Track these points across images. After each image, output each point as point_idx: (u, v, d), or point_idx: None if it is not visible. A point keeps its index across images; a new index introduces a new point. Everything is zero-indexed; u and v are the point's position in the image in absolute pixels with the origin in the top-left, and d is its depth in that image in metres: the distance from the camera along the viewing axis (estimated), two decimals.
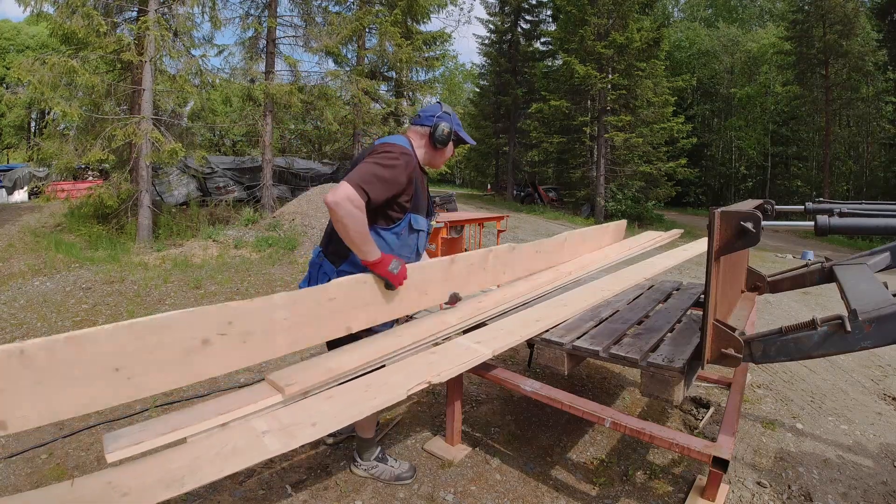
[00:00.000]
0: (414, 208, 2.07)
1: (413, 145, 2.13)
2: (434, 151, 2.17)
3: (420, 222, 2.12)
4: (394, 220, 2.03)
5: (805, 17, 23.81)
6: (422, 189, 2.12)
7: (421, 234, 2.17)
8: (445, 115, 2.16)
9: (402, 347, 2.19)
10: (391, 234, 2.05)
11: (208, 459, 1.46)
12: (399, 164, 1.94)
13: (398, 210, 2.02)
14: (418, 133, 2.17)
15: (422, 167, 2.18)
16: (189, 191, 11.58)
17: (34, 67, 7.52)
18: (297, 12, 11.68)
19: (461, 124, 2.25)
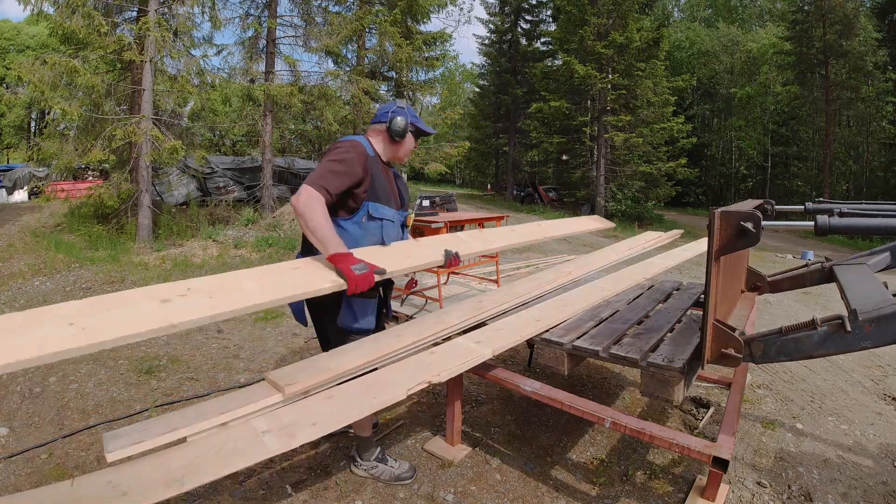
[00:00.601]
0: (372, 197, 2.11)
1: (372, 143, 2.20)
2: (393, 144, 2.23)
3: (382, 210, 2.15)
4: (352, 209, 2.09)
5: (805, 17, 23.81)
6: (385, 181, 2.18)
7: (386, 222, 2.18)
8: (400, 110, 2.21)
9: (402, 347, 2.19)
10: (351, 223, 2.10)
11: (208, 459, 1.46)
12: (350, 155, 2.02)
13: (355, 200, 2.08)
14: (376, 131, 2.24)
15: (386, 162, 2.26)
16: (189, 191, 11.58)
17: (34, 67, 7.52)
18: (297, 12, 11.67)
19: (420, 118, 2.31)
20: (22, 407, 2.98)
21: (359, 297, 2.09)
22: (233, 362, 3.74)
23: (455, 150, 13.41)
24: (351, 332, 2.17)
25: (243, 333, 4.40)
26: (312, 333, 4.39)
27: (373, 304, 2.20)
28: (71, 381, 3.32)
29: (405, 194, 2.35)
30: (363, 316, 2.17)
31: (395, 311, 4.60)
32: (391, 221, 2.20)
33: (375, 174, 2.11)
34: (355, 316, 2.15)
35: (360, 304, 2.13)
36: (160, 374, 3.48)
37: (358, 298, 2.09)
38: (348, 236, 2.07)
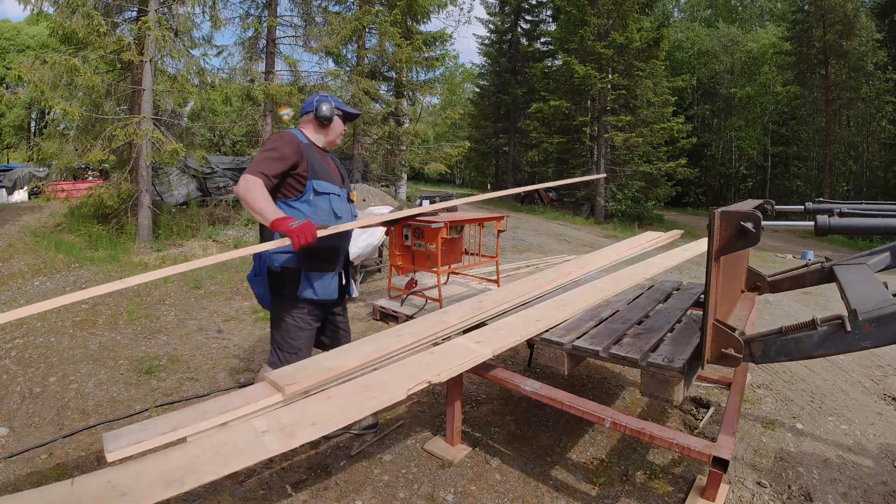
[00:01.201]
0: (314, 176, 2.29)
1: (305, 133, 2.40)
2: (323, 129, 2.43)
3: (325, 186, 2.32)
4: (298, 189, 2.27)
5: (805, 17, 23.79)
6: (324, 163, 2.38)
7: (332, 196, 2.35)
8: (324, 97, 2.41)
9: (402, 347, 2.19)
10: (301, 202, 2.27)
11: (208, 459, 1.46)
12: (280, 142, 2.23)
13: (298, 180, 2.26)
14: (305, 121, 2.44)
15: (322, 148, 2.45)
16: (189, 191, 11.56)
17: (34, 67, 7.52)
18: (297, 12, 11.66)
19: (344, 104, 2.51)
20: (22, 407, 2.98)
21: (317, 272, 2.30)
22: (233, 362, 3.74)
23: (455, 150, 13.40)
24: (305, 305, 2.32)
25: (243, 333, 4.40)
26: None
27: (331, 276, 2.36)
28: (71, 381, 3.32)
29: (344, 175, 2.55)
30: (322, 288, 2.33)
31: (395, 311, 4.60)
32: (337, 195, 2.38)
33: (311, 157, 2.30)
34: (314, 288, 2.30)
35: (317, 276, 2.31)
36: (160, 374, 3.48)
37: (316, 272, 2.30)
38: (302, 216, 2.23)
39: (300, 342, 2.36)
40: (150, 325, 4.46)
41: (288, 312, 2.34)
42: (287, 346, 2.35)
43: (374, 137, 13.52)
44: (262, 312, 4.96)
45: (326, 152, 2.49)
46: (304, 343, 2.37)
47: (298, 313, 2.33)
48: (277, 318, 2.38)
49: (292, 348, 2.34)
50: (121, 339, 4.07)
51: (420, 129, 13.49)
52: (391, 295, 4.95)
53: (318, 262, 2.30)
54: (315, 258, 2.29)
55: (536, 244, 10.53)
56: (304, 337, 2.37)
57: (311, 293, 2.30)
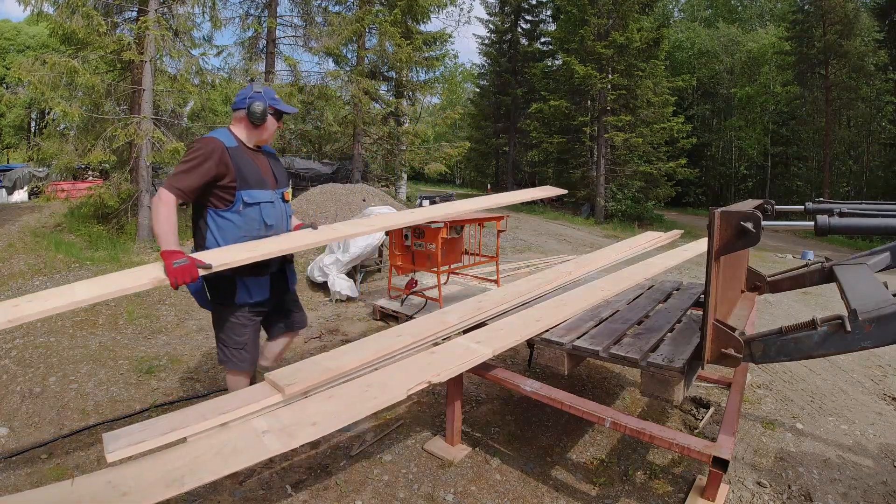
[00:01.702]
0: (243, 186, 2.22)
1: (234, 132, 2.31)
2: (255, 129, 2.33)
3: (255, 195, 2.26)
4: (227, 200, 2.21)
5: (805, 17, 23.79)
6: (255, 166, 2.29)
7: (263, 205, 2.29)
8: (257, 94, 2.30)
9: (403, 347, 2.19)
10: (231, 213, 2.22)
11: (208, 459, 1.46)
12: (199, 154, 2.13)
13: (226, 192, 2.19)
14: (237, 119, 2.33)
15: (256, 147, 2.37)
16: None
17: (34, 67, 7.51)
18: (297, 12, 11.67)
19: (279, 99, 2.40)
20: (22, 407, 2.98)
21: (250, 276, 2.27)
22: None
23: (455, 150, 13.41)
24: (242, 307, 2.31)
25: None
26: (312, 333, 4.40)
27: (262, 280, 2.34)
28: (71, 381, 3.32)
29: (280, 173, 2.45)
30: (257, 290, 2.32)
31: (395, 311, 4.60)
32: (269, 203, 2.32)
33: (241, 163, 2.22)
34: (250, 293, 2.30)
35: (251, 281, 2.30)
36: (160, 374, 3.48)
37: (249, 277, 2.27)
38: (232, 225, 2.23)
39: (245, 338, 2.36)
40: (150, 325, 4.46)
41: (230, 312, 2.33)
42: (232, 342, 2.35)
43: (374, 137, 13.52)
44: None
45: (259, 150, 2.40)
46: (248, 338, 2.37)
47: (239, 313, 2.33)
48: (219, 318, 2.37)
49: (238, 344, 2.35)
50: (121, 339, 4.07)
51: (420, 129, 13.50)
52: (391, 295, 4.95)
53: (250, 268, 2.23)
54: (247, 266, 2.21)
55: (536, 244, 10.53)
56: (248, 333, 2.37)
57: (247, 297, 2.30)
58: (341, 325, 4.69)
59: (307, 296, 5.70)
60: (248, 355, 2.37)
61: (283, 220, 2.41)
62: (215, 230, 2.22)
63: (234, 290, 2.27)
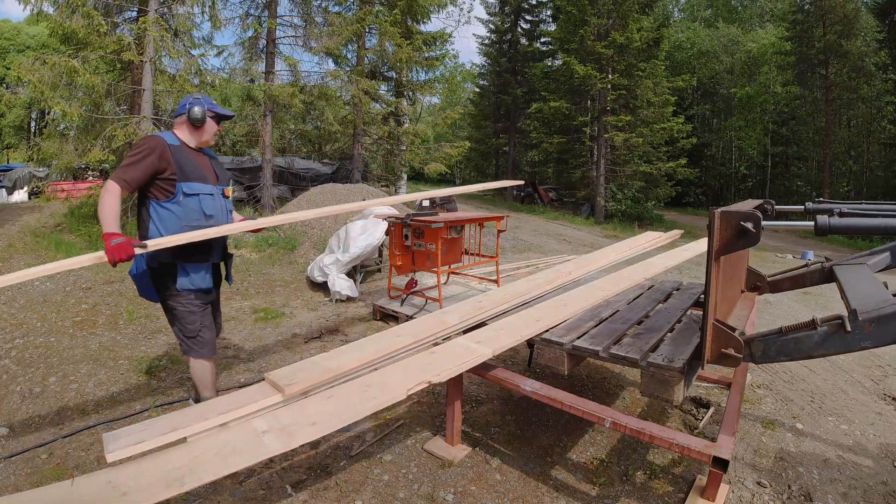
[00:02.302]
0: (183, 179, 2.40)
1: (177, 135, 2.52)
2: (196, 131, 2.54)
3: (194, 187, 2.44)
4: (168, 191, 2.39)
5: (805, 17, 23.80)
6: (196, 163, 2.49)
7: (203, 196, 2.47)
8: (196, 100, 2.53)
9: (403, 347, 2.19)
10: (171, 203, 2.39)
11: (208, 459, 1.46)
12: (144, 148, 2.34)
13: (168, 184, 2.38)
14: (178, 122, 2.55)
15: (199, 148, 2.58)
16: None
17: (34, 67, 7.51)
18: (297, 12, 11.65)
19: (218, 105, 2.63)
20: (22, 407, 2.98)
21: (191, 263, 2.44)
22: (233, 362, 3.74)
23: (455, 150, 13.40)
24: (185, 294, 2.47)
25: (243, 333, 4.40)
26: (312, 333, 4.40)
27: (203, 267, 2.51)
28: (71, 381, 3.32)
29: (220, 172, 2.66)
30: (198, 278, 2.48)
31: (395, 311, 4.60)
32: (209, 195, 2.50)
33: (182, 160, 2.42)
34: (191, 279, 2.46)
35: (193, 267, 2.46)
36: (160, 374, 3.48)
37: (190, 264, 2.44)
38: (173, 216, 2.40)
39: (197, 324, 2.51)
40: (150, 325, 4.46)
41: (177, 301, 2.48)
42: (188, 331, 2.51)
43: (374, 137, 13.51)
44: (262, 312, 4.96)
45: (201, 151, 2.61)
46: (201, 324, 2.53)
47: (185, 300, 2.48)
48: (169, 309, 2.52)
49: (192, 332, 2.51)
50: (121, 339, 4.07)
51: (420, 129, 13.49)
52: (391, 295, 4.95)
53: (191, 254, 2.43)
54: (187, 252, 2.42)
55: (536, 244, 10.53)
56: (198, 319, 2.52)
57: (189, 283, 2.46)
58: (341, 325, 4.70)
59: (307, 296, 5.70)
60: (206, 341, 2.54)
61: (222, 213, 2.58)
62: (157, 221, 2.39)
63: (176, 276, 2.43)
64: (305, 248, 7.53)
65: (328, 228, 7.88)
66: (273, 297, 5.61)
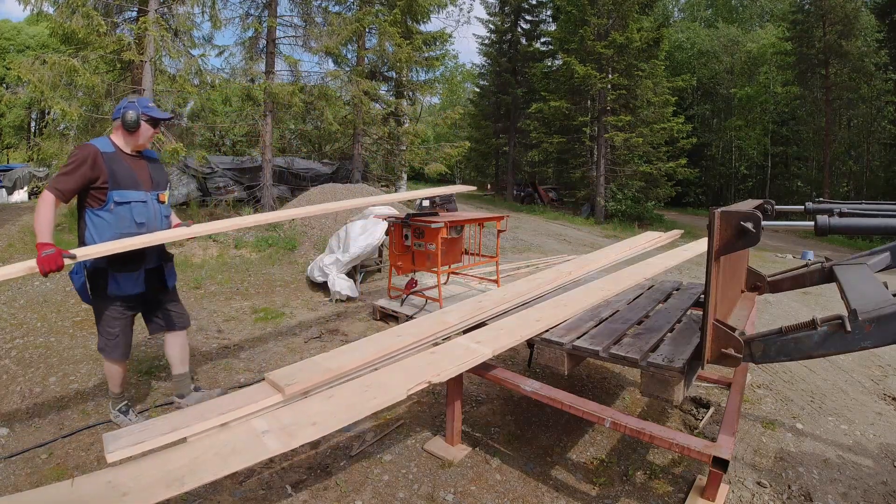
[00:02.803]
0: (115, 187, 2.46)
1: (113, 140, 2.57)
2: (131, 135, 2.58)
3: (126, 195, 2.50)
4: (101, 200, 2.45)
5: (805, 17, 23.79)
6: (131, 170, 2.55)
7: (134, 204, 2.53)
8: (131, 104, 2.57)
9: (403, 347, 2.19)
10: (104, 211, 2.46)
11: (208, 459, 1.46)
12: (77, 158, 2.40)
13: (100, 192, 2.45)
14: (115, 127, 2.60)
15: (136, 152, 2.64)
16: (189, 191, 11.54)
17: (34, 67, 7.51)
18: (297, 12, 11.65)
19: (155, 107, 2.67)
20: (22, 407, 2.98)
21: (121, 272, 2.53)
22: (233, 362, 3.74)
23: (455, 150, 13.39)
24: (116, 299, 2.57)
25: (243, 333, 4.40)
26: (312, 333, 4.40)
27: (134, 276, 2.58)
28: (71, 381, 3.32)
29: (158, 177, 2.71)
30: (127, 285, 2.56)
31: (395, 311, 4.60)
32: (141, 202, 2.56)
33: (116, 167, 2.48)
34: (119, 286, 2.54)
35: (122, 276, 2.55)
36: (160, 374, 3.48)
37: (120, 272, 2.53)
38: (106, 223, 2.47)
39: (117, 329, 2.64)
40: None
41: (105, 305, 2.59)
42: (107, 332, 2.64)
43: (374, 137, 13.51)
44: (262, 312, 4.96)
45: (140, 155, 2.66)
46: (121, 329, 2.65)
47: (112, 305, 2.59)
48: (97, 309, 2.64)
49: (111, 334, 2.64)
50: None
51: (420, 129, 13.49)
52: (391, 295, 4.95)
53: (122, 262, 2.51)
54: (119, 259, 2.49)
55: (536, 244, 10.53)
56: (120, 325, 2.64)
57: (117, 290, 2.55)
58: (341, 325, 4.70)
59: (307, 296, 5.70)
60: (120, 346, 2.66)
61: (155, 219, 2.64)
62: (92, 228, 2.47)
63: (107, 283, 2.53)
64: (305, 248, 7.53)
65: (328, 228, 7.88)
66: (273, 297, 5.61)
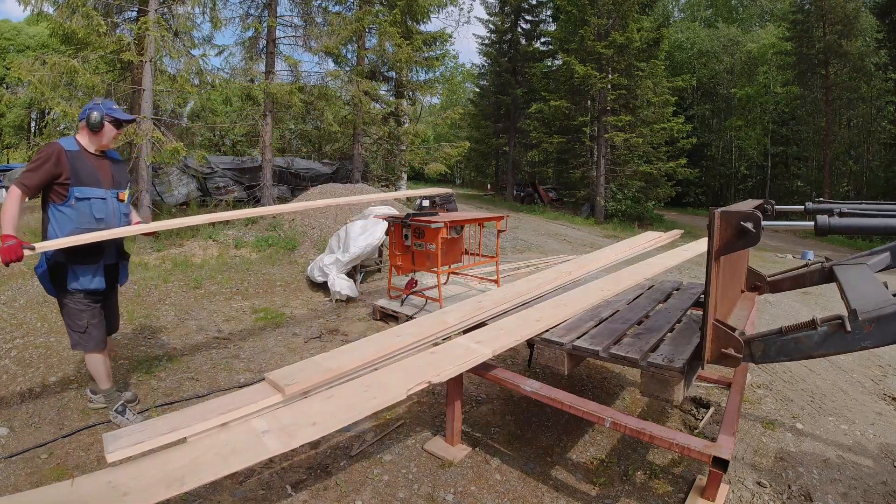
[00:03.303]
0: (76, 184, 2.56)
1: (79, 140, 2.67)
2: (95, 136, 2.67)
3: (86, 192, 2.59)
4: (63, 195, 2.56)
5: (805, 17, 23.80)
6: (93, 168, 2.65)
7: (94, 201, 2.62)
8: (95, 106, 2.66)
9: (403, 347, 2.19)
10: (65, 207, 2.57)
11: (208, 459, 1.46)
12: (43, 155, 2.52)
13: (63, 188, 2.55)
14: (80, 127, 2.70)
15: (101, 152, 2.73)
16: (189, 191, 11.55)
17: (34, 67, 7.51)
18: (297, 12, 11.66)
19: (119, 109, 2.75)
20: (22, 407, 2.98)
21: (79, 265, 2.62)
22: (233, 362, 3.74)
23: (455, 150, 13.39)
24: (74, 293, 2.64)
25: (243, 333, 4.40)
26: (312, 333, 4.40)
27: (92, 269, 2.67)
28: (71, 381, 3.32)
29: (119, 176, 2.81)
30: (87, 278, 2.65)
31: (395, 311, 4.60)
32: (101, 199, 2.66)
33: (78, 165, 2.58)
34: (79, 280, 2.63)
35: (81, 270, 2.64)
36: (160, 374, 3.48)
37: (79, 266, 2.62)
38: (67, 218, 2.58)
39: (85, 321, 2.70)
40: (150, 325, 4.46)
41: (68, 298, 2.67)
42: (76, 326, 2.70)
43: (374, 137, 13.51)
44: (262, 312, 4.96)
45: (104, 155, 2.76)
46: (88, 321, 2.71)
47: (75, 299, 2.67)
48: (61, 304, 2.71)
49: (80, 328, 2.70)
50: (121, 339, 4.07)
51: (420, 129, 13.49)
52: (391, 295, 4.95)
53: (81, 257, 2.61)
54: (78, 254, 2.59)
55: (536, 244, 10.53)
56: (86, 317, 2.70)
57: (76, 284, 2.63)
58: (341, 325, 4.70)
59: (307, 296, 5.70)
60: (92, 337, 2.72)
61: (114, 215, 2.73)
62: (54, 222, 2.58)
63: (66, 277, 2.62)
64: (305, 248, 7.53)
65: (328, 228, 7.88)
66: (273, 297, 5.61)
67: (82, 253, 2.59)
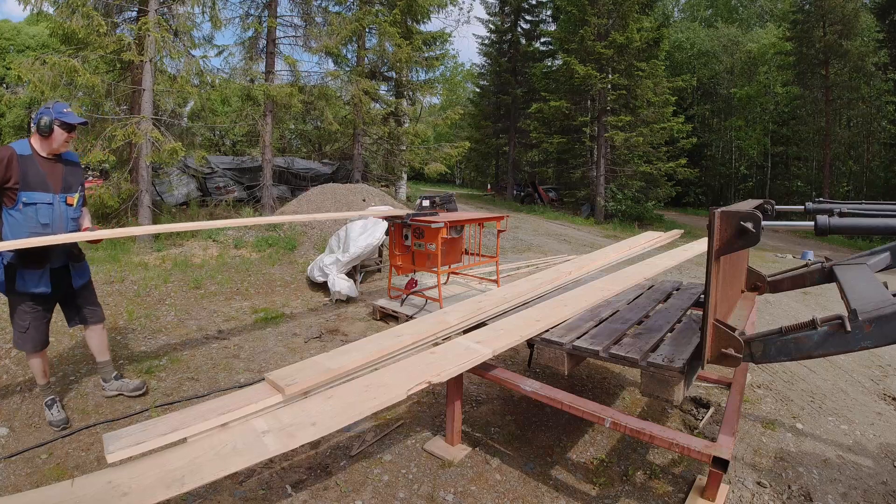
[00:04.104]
0: (25, 188, 2.61)
1: (32, 143, 2.71)
2: (45, 140, 2.70)
3: (33, 196, 2.65)
4: (13, 200, 2.62)
5: (805, 17, 23.78)
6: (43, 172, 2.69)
7: (39, 206, 2.67)
8: (46, 110, 2.70)
9: (403, 347, 2.19)
10: (14, 210, 2.64)
11: (208, 459, 1.46)
12: None
13: (13, 192, 2.61)
14: (33, 131, 2.74)
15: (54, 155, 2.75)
16: (189, 191, 11.56)
17: (34, 67, 7.51)
18: (297, 12, 11.66)
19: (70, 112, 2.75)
20: (22, 407, 2.98)
21: (26, 269, 2.68)
22: (233, 362, 3.74)
23: (455, 150, 13.40)
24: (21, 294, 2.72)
25: (243, 333, 4.40)
26: (312, 333, 4.40)
27: (39, 273, 2.72)
28: (71, 380, 3.32)
29: (71, 180, 2.84)
30: (32, 282, 2.71)
31: (395, 311, 4.60)
32: (47, 204, 2.70)
33: (28, 169, 2.63)
34: (25, 283, 2.69)
35: (28, 273, 2.70)
36: (160, 374, 3.48)
37: (26, 270, 2.68)
38: (16, 222, 2.64)
39: (27, 323, 2.78)
40: (150, 325, 4.46)
41: (17, 300, 2.76)
42: (19, 325, 2.79)
43: (374, 137, 13.51)
44: (262, 312, 4.96)
45: (59, 158, 2.78)
46: (31, 323, 2.78)
47: (22, 300, 2.75)
48: (10, 303, 2.81)
49: (22, 328, 2.79)
50: (121, 339, 4.07)
51: (420, 129, 13.49)
52: (391, 295, 4.95)
53: (26, 261, 2.67)
54: (23, 258, 2.66)
55: (536, 244, 10.53)
56: (29, 319, 2.77)
57: (23, 286, 2.70)
58: (341, 325, 4.70)
59: (307, 296, 5.70)
60: (30, 339, 2.79)
61: (61, 220, 2.77)
62: (7, 226, 2.65)
63: (14, 280, 2.69)
64: (305, 248, 7.53)
65: (328, 229, 7.88)
66: (273, 297, 5.61)
67: (28, 258, 2.66)
